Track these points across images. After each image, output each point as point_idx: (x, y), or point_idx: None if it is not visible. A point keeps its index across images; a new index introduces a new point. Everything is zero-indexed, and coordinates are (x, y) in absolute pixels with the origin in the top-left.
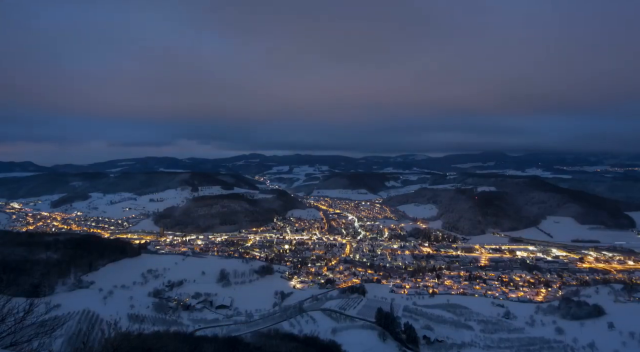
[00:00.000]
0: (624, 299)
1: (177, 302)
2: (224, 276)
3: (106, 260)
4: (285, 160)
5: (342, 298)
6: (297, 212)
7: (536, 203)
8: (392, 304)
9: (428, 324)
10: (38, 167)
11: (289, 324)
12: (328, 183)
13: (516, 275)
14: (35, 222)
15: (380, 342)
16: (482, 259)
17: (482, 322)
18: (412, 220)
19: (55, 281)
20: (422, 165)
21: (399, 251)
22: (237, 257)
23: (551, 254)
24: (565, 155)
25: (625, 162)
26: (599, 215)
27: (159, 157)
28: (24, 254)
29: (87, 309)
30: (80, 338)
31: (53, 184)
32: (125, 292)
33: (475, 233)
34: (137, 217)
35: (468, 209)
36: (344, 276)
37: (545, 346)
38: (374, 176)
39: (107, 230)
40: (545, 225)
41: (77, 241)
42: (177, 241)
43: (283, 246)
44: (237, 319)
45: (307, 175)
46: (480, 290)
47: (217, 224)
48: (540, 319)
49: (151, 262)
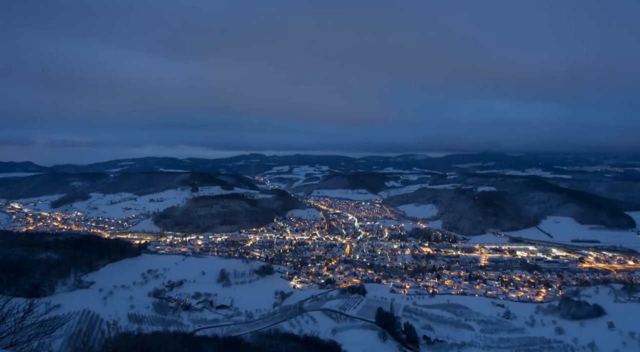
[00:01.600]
0: (624, 299)
1: (177, 302)
2: (224, 276)
3: (106, 260)
4: (285, 160)
5: (342, 298)
6: (297, 212)
7: (536, 203)
8: (392, 304)
9: (428, 324)
10: (38, 167)
11: (289, 324)
12: (328, 183)
13: (516, 275)
14: (35, 222)
15: (381, 342)
16: (482, 259)
17: (482, 322)
18: (412, 220)
19: (55, 281)
20: (422, 165)
21: (399, 251)
22: (237, 257)
23: (551, 254)
24: (565, 156)
25: (625, 162)
26: (599, 215)
27: (159, 157)
28: (24, 254)
29: (87, 309)
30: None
31: (53, 184)
32: (125, 292)
33: (475, 233)
34: (137, 217)
35: (468, 209)
36: (344, 276)
37: (545, 346)
38: (374, 175)
39: (107, 230)
40: (545, 225)
41: (77, 241)
42: (177, 241)
43: (283, 246)
44: (237, 319)
45: (307, 175)
46: (480, 290)
47: (217, 224)
48: (541, 319)
49: (151, 262)
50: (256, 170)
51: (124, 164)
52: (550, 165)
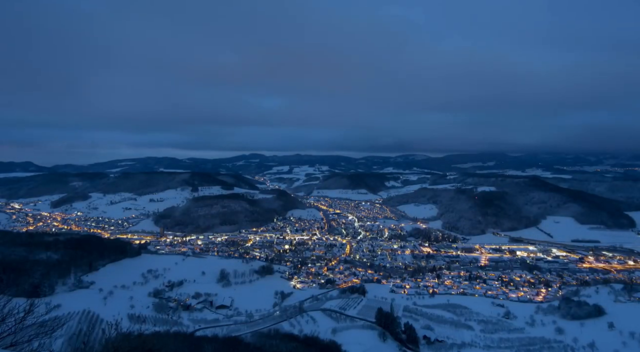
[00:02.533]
0: (624, 299)
1: (177, 303)
2: (224, 276)
3: (106, 260)
4: (285, 160)
5: (342, 298)
6: (297, 212)
7: (536, 203)
8: (392, 304)
9: (428, 324)
10: (38, 167)
11: (289, 324)
12: (328, 183)
13: (516, 275)
14: (35, 222)
15: (381, 342)
16: (482, 259)
17: (482, 322)
18: (412, 220)
19: (56, 281)
20: (422, 165)
21: (399, 251)
22: (237, 257)
23: (551, 254)
24: (565, 156)
25: (625, 162)
26: (599, 215)
27: (159, 157)
28: (24, 254)
29: (88, 310)
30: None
31: (53, 184)
32: (125, 293)
33: (475, 233)
34: (137, 217)
35: (468, 209)
36: (344, 276)
37: (545, 346)
38: (374, 176)
39: (107, 230)
40: (545, 225)
41: (77, 241)
42: (177, 241)
43: (283, 246)
44: (237, 319)
45: (307, 175)
46: (480, 290)
47: (217, 224)
48: (541, 319)
49: (151, 262)
50: (256, 170)
51: (124, 164)
52: (550, 165)
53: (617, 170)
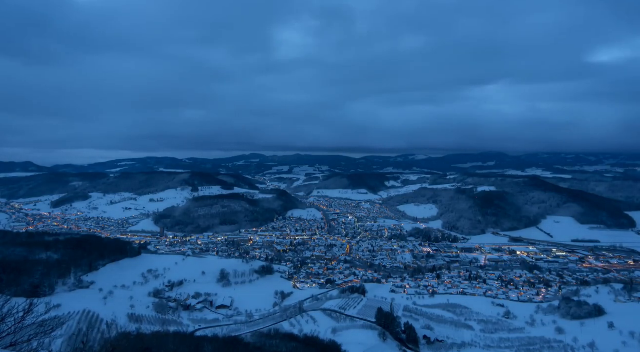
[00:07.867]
0: (624, 299)
1: (177, 303)
2: (224, 276)
3: (106, 260)
4: (285, 160)
5: (342, 298)
6: (297, 212)
7: (536, 203)
8: (392, 304)
9: (428, 324)
10: (38, 167)
11: (289, 324)
12: (328, 183)
13: (516, 275)
14: (35, 222)
15: (381, 342)
16: (482, 259)
17: (483, 322)
18: (412, 220)
19: (56, 281)
20: (422, 165)
21: (399, 251)
22: (237, 257)
23: (551, 254)
24: (565, 156)
25: (625, 162)
26: (599, 215)
27: (159, 157)
28: (24, 254)
29: (87, 309)
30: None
31: (53, 184)
32: (125, 293)
33: (475, 233)
34: (137, 217)
35: (468, 209)
36: (344, 276)
37: (545, 346)
38: (374, 176)
39: (107, 230)
40: (545, 225)
41: (77, 241)
42: (177, 241)
43: (283, 246)
44: (237, 319)
45: (307, 175)
46: (481, 290)
47: (217, 224)
48: (541, 319)
49: (151, 262)
50: (256, 170)
51: (124, 164)
52: (550, 165)
53: (617, 170)
